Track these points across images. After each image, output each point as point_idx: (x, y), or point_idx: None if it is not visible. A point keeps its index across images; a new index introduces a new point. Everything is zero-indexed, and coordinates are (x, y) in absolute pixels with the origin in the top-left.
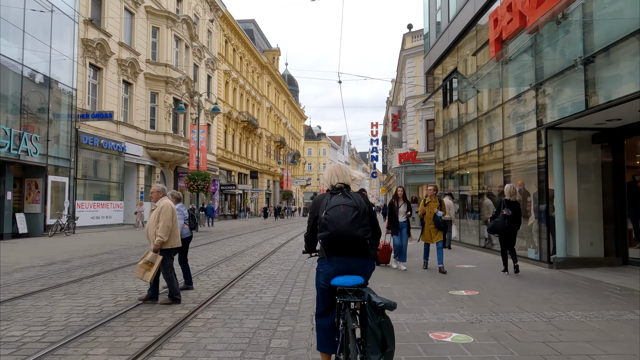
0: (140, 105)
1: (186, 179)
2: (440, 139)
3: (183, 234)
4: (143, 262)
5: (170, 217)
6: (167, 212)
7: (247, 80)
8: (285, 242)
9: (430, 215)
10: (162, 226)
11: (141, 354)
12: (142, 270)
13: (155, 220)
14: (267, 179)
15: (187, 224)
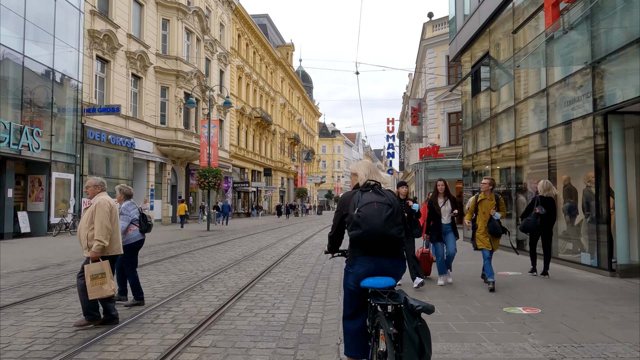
0: (150, 100)
1: (197, 175)
2: (467, 132)
3: (132, 237)
4: (90, 279)
5: (106, 216)
6: (102, 210)
7: (260, 76)
8: (301, 243)
9: (485, 217)
10: (100, 228)
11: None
12: (97, 288)
13: (88, 221)
14: (281, 177)
15: (136, 225)
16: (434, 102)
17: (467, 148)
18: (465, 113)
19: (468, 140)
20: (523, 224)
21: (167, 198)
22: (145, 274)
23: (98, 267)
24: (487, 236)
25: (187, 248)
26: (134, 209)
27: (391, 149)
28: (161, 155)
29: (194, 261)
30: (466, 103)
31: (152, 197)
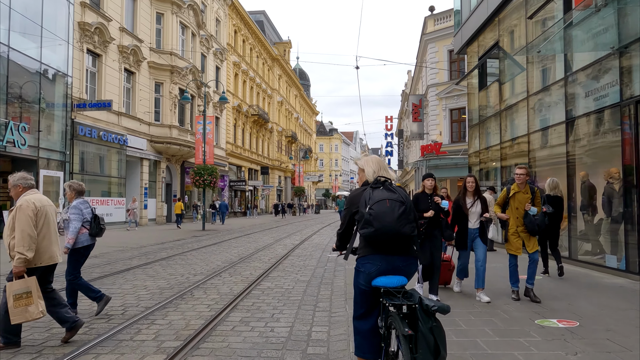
0: (143, 96)
1: (191, 173)
2: (474, 127)
3: (79, 241)
4: (13, 300)
5: (28, 222)
6: (23, 214)
7: (257, 73)
8: (300, 243)
9: (518, 214)
10: (20, 237)
11: None
12: (21, 310)
13: (10, 227)
14: (279, 175)
15: (86, 227)
16: (435, 98)
17: (474, 144)
18: (471, 108)
19: (474, 135)
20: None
21: (162, 197)
22: (132, 279)
23: (22, 284)
24: (519, 238)
25: (180, 249)
26: (87, 208)
27: (390, 147)
28: (155, 153)
29: (186, 264)
30: (471, 97)
31: (146, 195)
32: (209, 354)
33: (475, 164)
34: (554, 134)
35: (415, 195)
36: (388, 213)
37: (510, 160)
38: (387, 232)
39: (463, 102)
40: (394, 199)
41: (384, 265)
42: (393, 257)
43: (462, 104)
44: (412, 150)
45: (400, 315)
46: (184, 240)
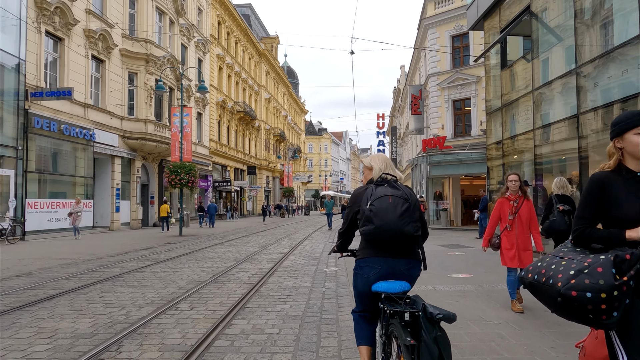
0: (115, 87)
1: (167, 172)
2: (495, 113)
3: None
4: None
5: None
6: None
7: (243, 68)
8: (289, 252)
9: None
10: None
11: None
12: None
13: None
14: (266, 175)
15: None
16: (436, 88)
17: (495, 133)
18: (490, 92)
19: (495, 124)
20: (548, 226)
21: (137, 198)
22: (46, 315)
23: None
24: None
25: (142, 262)
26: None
27: (381, 146)
28: (129, 150)
29: (137, 285)
30: (489, 79)
31: (118, 197)
32: None
33: (496, 157)
34: (616, 113)
35: None
36: (390, 210)
37: (548, 148)
38: (389, 230)
39: (468, 92)
40: (397, 195)
41: (384, 268)
42: (395, 259)
43: (466, 94)
44: (406, 149)
45: (402, 324)
46: (153, 249)
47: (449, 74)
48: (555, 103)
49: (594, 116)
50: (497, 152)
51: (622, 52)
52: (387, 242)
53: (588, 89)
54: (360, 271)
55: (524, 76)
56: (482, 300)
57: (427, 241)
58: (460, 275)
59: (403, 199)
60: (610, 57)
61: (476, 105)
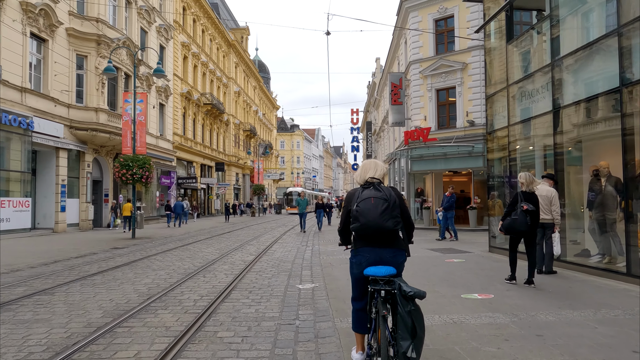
0: (60, 70)
1: (116, 165)
2: (498, 94)
3: None
4: None
5: None
6: None
7: (210, 58)
8: (254, 261)
9: None
10: None
11: None
12: None
13: None
14: (236, 172)
15: None
16: (418, 76)
17: (497, 120)
18: (492, 70)
19: (498, 107)
20: (508, 224)
21: (87, 196)
22: None
23: None
24: None
25: (62, 277)
26: None
27: (356, 142)
28: (77, 142)
29: (30, 320)
30: (494, 53)
31: (64, 195)
32: None
33: (499, 148)
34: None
35: None
36: (372, 209)
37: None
38: (372, 226)
39: (453, 80)
40: (378, 197)
41: (372, 256)
42: (381, 249)
43: (451, 83)
44: (382, 144)
45: (382, 300)
46: (90, 257)
47: (432, 61)
48: (587, 74)
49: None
50: (501, 142)
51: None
52: (372, 235)
53: (635, 51)
54: (354, 259)
55: (539, 48)
56: (535, 345)
57: (416, 245)
58: (477, 295)
59: (383, 200)
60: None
61: (462, 95)
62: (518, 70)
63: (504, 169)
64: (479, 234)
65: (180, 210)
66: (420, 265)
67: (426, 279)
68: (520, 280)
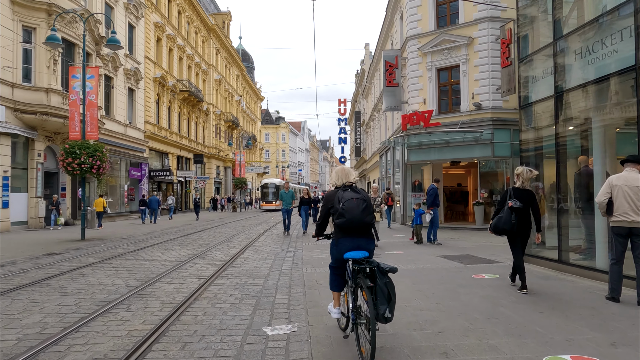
0: (3, 43)
1: (61, 153)
2: (536, 55)
3: None
4: None
5: None
6: None
7: (188, 42)
8: (214, 276)
9: None
10: None
11: None
12: None
13: None
14: (217, 165)
15: None
16: (417, 53)
17: (535, 89)
18: (525, 22)
19: (535, 72)
20: (494, 223)
21: (38, 190)
22: None
23: None
24: None
25: None
26: None
27: (343, 134)
28: (24, 128)
29: None
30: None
31: (6, 188)
32: None
33: (538, 127)
34: None
35: None
36: (355, 208)
37: None
38: (355, 221)
39: (456, 58)
40: (359, 198)
41: (352, 244)
42: (358, 238)
43: (454, 61)
44: (371, 135)
45: (365, 275)
46: (11, 267)
47: (432, 36)
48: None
49: None
50: (542, 118)
51: None
52: (354, 228)
53: None
54: (336, 247)
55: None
56: None
57: (422, 251)
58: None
59: (363, 200)
60: None
61: (467, 74)
62: (577, 15)
63: (545, 153)
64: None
65: (156, 206)
66: (442, 284)
67: (464, 315)
68: (538, 291)
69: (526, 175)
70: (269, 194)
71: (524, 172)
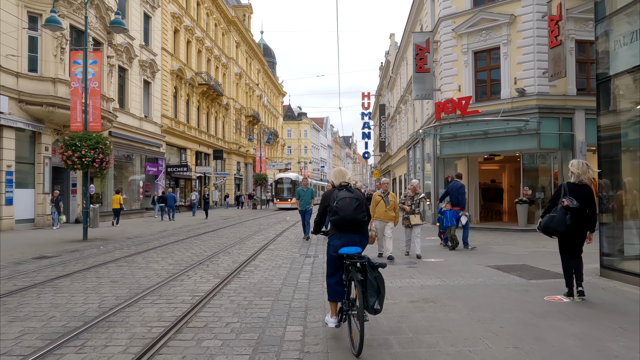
0: (4, 29)
1: (60, 145)
2: (625, 9)
3: None
4: None
5: None
6: None
7: (207, 34)
8: (213, 292)
9: None
10: None
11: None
12: None
13: None
14: (237, 161)
15: None
16: (451, 35)
17: (620, 58)
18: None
19: (622, 35)
20: (545, 222)
21: (45, 186)
22: None
23: None
24: None
25: None
26: None
27: (367, 129)
28: (30, 120)
29: None
30: None
31: (10, 184)
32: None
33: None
34: None
35: None
36: (348, 206)
37: None
38: (349, 218)
39: (496, 39)
40: (352, 197)
41: (346, 240)
42: (352, 235)
43: (494, 42)
44: (397, 129)
45: (356, 269)
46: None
47: (468, 15)
48: None
49: None
50: (633, 93)
51: None
52: (348, 225)
53: None
54: (332, 242)
55: None
56: None
57: (463, 259)
58: None
59: (355, 199)
60: None
61: (508, 57)
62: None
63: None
64: (534, 237)
65: (173, 203)
66: (510, 311)
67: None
68: None
69: (582, 168)
70: (283, 190)
71: (578, 166)
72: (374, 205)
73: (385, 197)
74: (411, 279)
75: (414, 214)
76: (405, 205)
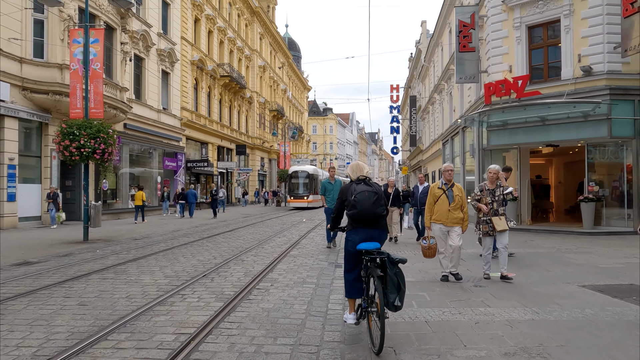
0: (7, 10)
1: (57, 134)
2: None
3: None
4: None
5: None
6: None
7: (230, 25)
8: (210, 324)
9: None
10: None
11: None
12: None
13: None
14: (261, 157)
15: None
16: (500, 8)
17: None
18: None
19: None
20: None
21: (53, 181)
22: None
23: None
24: None
25: None
26: None
27: (395, 123)
28: (35, 109)
29: None
30: None
31: (13, 178)
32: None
33: None
34: None
35: None
36: (366, 200)
37: None
38: (366, 212)
39: (555, 11)
40: (370, 190)
41: (364, 235)
42: (370, 229)
43: (552, 15)
44: (429, 122)
45: (375, 265)
46: None
47: None
48: None
49: None
50: None
51: None
52: (366, 219)
53: None
54: (350, 238)
55: None
56: None
57: (555, 279)
58: None
59: (374, 193)
60: None
61: (570, 31)
62: None
63: None
64: (607, 241)
65: (194, 200)
66: None
67: None
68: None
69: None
70: (298, 186)
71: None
72: (431, 201)
73: (449, 190)
74: (487, 308)
75: (498, 215)
76: (482, 203)
